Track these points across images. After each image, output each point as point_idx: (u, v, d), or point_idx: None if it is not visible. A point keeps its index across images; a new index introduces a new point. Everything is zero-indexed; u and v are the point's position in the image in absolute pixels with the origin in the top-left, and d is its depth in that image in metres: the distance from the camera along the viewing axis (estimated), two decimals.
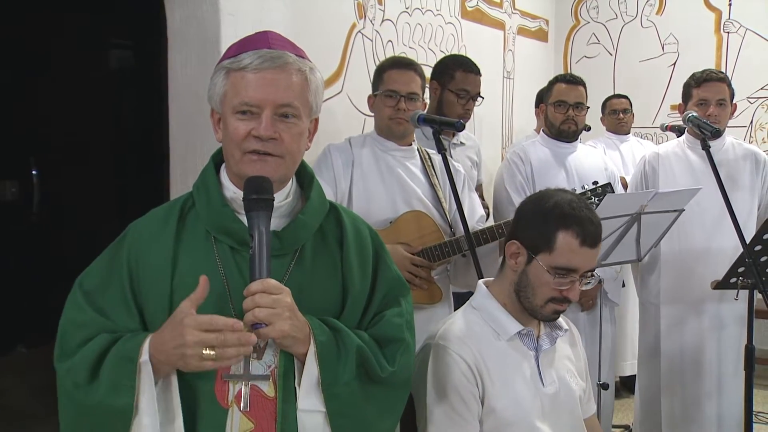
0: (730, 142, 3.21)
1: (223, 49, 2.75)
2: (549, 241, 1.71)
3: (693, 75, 3.14)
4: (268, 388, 1.39)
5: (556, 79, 3.27)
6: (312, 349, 1.37)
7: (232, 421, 1.37)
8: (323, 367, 1.37)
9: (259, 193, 1.36)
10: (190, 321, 1.27)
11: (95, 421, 1.33)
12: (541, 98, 4.43)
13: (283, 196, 1.46)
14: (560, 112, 3.18)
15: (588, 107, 3.27)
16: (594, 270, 1.77)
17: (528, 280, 1.75)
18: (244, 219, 1.41)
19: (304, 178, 1.53)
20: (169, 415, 1.34)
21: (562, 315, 1.90)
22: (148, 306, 1.40)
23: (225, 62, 1.42)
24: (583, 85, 3.22)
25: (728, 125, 3.19)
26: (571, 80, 3.21)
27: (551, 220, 1.72)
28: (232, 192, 1.45)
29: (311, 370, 1.36)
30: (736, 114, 3.30)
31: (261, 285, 1.31)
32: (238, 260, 1.42)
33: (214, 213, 1.43)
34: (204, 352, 1.26)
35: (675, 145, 3.28)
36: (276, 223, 1.44)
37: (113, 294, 1.41)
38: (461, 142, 3.36)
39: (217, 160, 1.51)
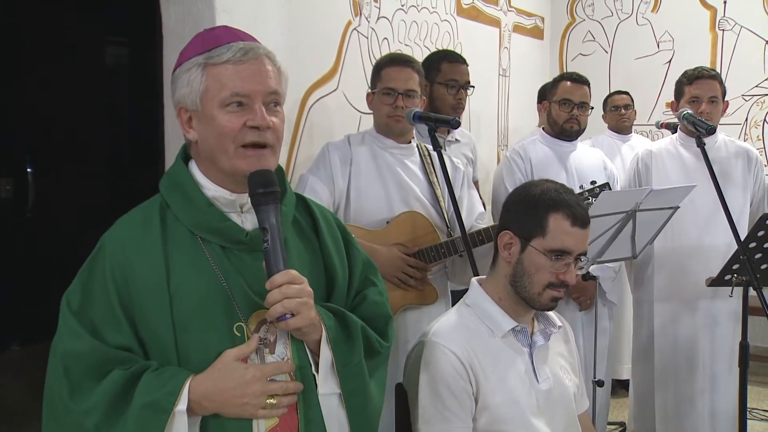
0: (723, 139, 3.22)
1: None
2: (541, 225, 1.74)
3: (685, 72, 3.15)
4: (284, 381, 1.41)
5: (562, 77, 3.28)
6: (324, 334, 1.40)
7: (258, 419, 1.37)
8: (336, 351, 1.41)
9: (266, 187, 1.36)
10: (257, 372, 1.32)
11: None
12: (544, 94, 4.43)
13: None
14: (565, 110, 3.18)
15: (592, 107, 3.27)
16: (586, 253, 1.79)
17: (524, 269, 1.77)
18: (233, 217, 1.42)
19: (276, 170, 1.54)
20: None
21: (556, 312, 1.91)
22: (147, 316, 1.36)
23: (198, 58, 1.39)
24: (588, 85, 3.22)
25: (723, 123, 3.21)
26: (577, 79, 3.22)
27: (541, 205, 1.76)
28: (213, 191, 1.42)
29: (325, 354, 1.41)
30: (731, 111, 3.31)
31: (286, 276, 1.33)
32: (232, 259, 1.41)
33: (199, 214, 1.40)
34: (267, 401, 1.33)
35: (668, 142, 3.29)
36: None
37: (99, 310, 1.35)
38: (456, 139, 3.36)
39: (183, 159, 1.48)
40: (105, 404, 1.30)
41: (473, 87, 3.19)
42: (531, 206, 1.77)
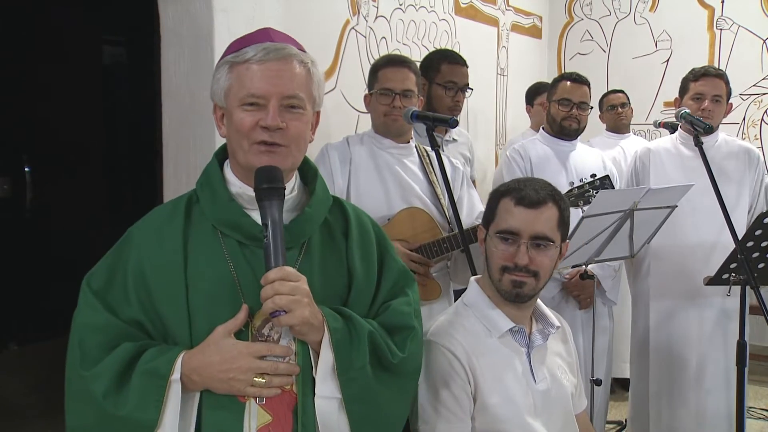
0: (723, 138, 3.23)
1: (217, 45, 2.77)
2: (493, 210, 1.81)
3: (692, 70, 3.17)
4: None
5: (562, 77, 3.30)
6: (326, 336, 1.39)
7: (249, 414, 1.38)
8: (338, 354, 1.39)
9: (270, 182, 1.38)
10: (243, 348, 1.34)
11: (117, 430, 1.35)
12: (532, 95, 4.43)
13: (288, 190, 1.47)
14: (564, 109, 3.20)
15: (591, 107, 3.28)
16: (545, 236, 1.74)
17: (487, 258, 1.81)
18: (252, 214, 1.44)
19: (308, 172, 1.57)
20: (184, 428, 1.37)
21: (555, 312, 1.91)
22: (162, 303, 1.41)
23: (228, 57, 1.44)
24: (588, 85, 3.24)
25: (721, 122, 3.20)
26: (577, 79, 3.24)
27: (496, 194, 1.83)
28: (238, 187, 1.46)
29: (326, 357, 1.39)
30: None
31: (280, 272, 1.33)
32: (247, 254, 1.43)
33: (221, 208, 1.45)
34: (255, 379, 1.34)
35: (667, 141, 3.30)
36: (284, 216, 1.46)
37: (117, 292, 1.42)
38: (453, 139, 3.37)
39: (220, 157, 1.53)
40: (112, 372, 1.34)
41: (471, 89, 3.19)
42: (492, 198, 1.85)
